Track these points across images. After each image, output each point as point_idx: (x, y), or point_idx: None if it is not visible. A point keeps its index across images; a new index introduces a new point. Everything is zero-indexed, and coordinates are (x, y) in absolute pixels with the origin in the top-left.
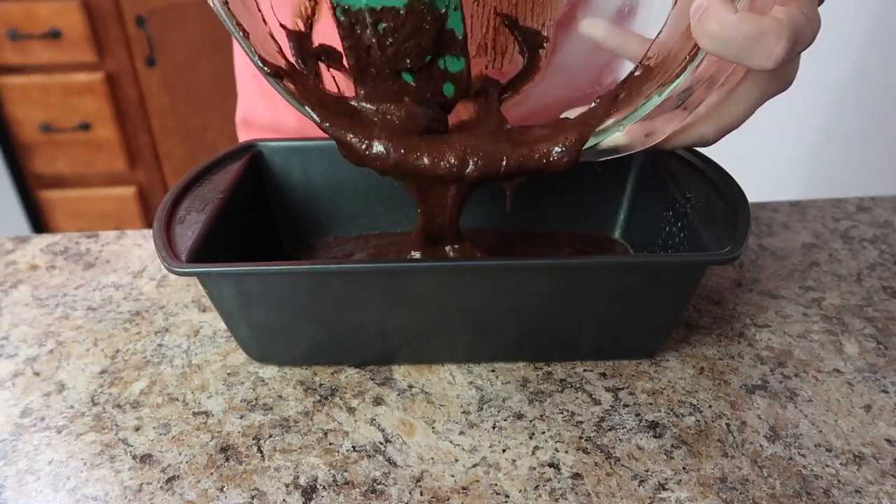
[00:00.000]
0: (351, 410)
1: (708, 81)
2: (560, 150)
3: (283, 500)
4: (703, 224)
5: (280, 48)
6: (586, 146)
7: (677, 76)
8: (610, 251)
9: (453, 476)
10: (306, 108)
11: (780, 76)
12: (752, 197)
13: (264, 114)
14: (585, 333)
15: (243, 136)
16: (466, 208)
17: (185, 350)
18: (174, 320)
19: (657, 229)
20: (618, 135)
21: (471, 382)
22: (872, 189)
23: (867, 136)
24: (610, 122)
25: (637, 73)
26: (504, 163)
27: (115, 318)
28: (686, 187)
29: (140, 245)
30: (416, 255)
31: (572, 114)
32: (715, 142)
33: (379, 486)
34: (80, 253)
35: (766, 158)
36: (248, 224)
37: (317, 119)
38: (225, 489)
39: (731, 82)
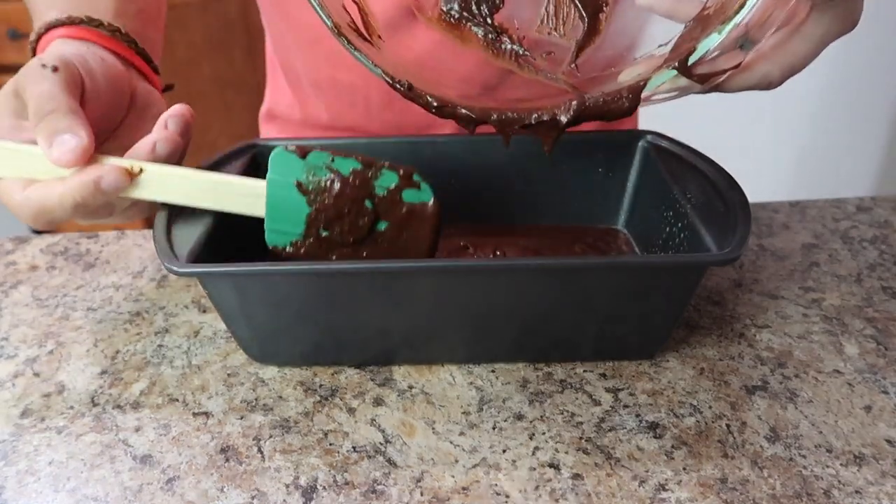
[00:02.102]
0: (351, 411)
1: (769, 20)
2: (622, 94)
3: (284, 500)
4: (704, 224)
5: (352, 19)
6: (646, 90)
7: (736, 12)
8: (615, 247)
9: (453, 476)
10: (378, 68)
11: (843, 14)
12: (752, 197)
13: (294, 109)
14: (585, 334)
15: (266, 129)
16: (473, 204)
17: (186, 351)
18: (174, 321)
19: (658, 230)
20: (677, 76)
21: (471, 383)
22: (872, 189)
23: (867, 136)
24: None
25: (694, 24)
26: (571, 108)
27: (116, 318)
28: (686, 187)
29: (140, 245)
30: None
31: (628, 73)
32: (780, 83)
33: (379, 487)
34: (80, 253)
35: (766, 158)
36: (248, 224)
37: (388, 79)
38: (225, 490)
39: (795, 22)
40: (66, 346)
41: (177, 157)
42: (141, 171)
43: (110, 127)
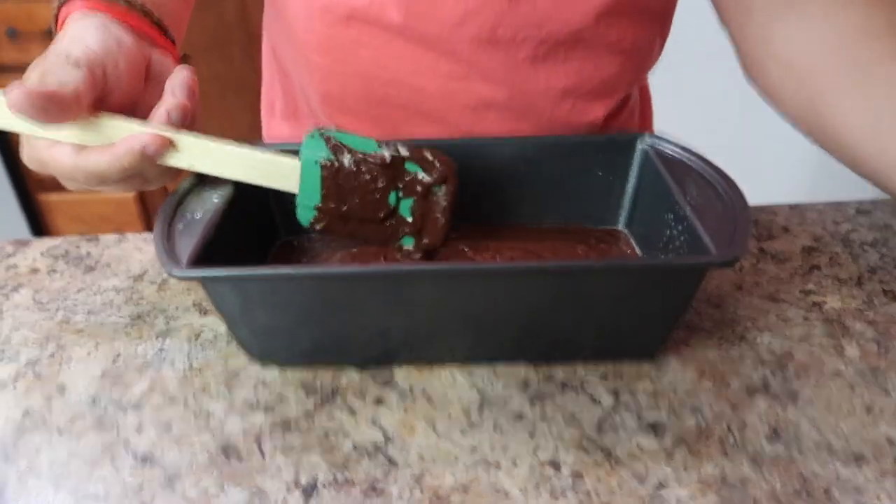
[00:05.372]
0: (352, 411)
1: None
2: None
3: (284, 498)
4: (704, 226)
5: None
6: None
7: None
8: (617, 248)
9: (454, 475)
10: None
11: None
12: (752, 199)
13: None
14: (586, 335)
15: (267, 121)
16: (474, 205)
17: (187, 353)
18: (175, 324)
19: (658, 232)
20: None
21: (472, 384)
22: (872, 192)
23: None
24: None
25: None
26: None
27: (116, 321)
28: (686, 189)
29: (140, 248)
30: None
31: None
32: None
33: (379, 485)
34: (81, 256)
35: (766, 161)
36: (249, 227)
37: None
38: (225, 488)
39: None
40: (66, 349)
41: (188, 120)
42: (175, 140)
43: (131, 104)
